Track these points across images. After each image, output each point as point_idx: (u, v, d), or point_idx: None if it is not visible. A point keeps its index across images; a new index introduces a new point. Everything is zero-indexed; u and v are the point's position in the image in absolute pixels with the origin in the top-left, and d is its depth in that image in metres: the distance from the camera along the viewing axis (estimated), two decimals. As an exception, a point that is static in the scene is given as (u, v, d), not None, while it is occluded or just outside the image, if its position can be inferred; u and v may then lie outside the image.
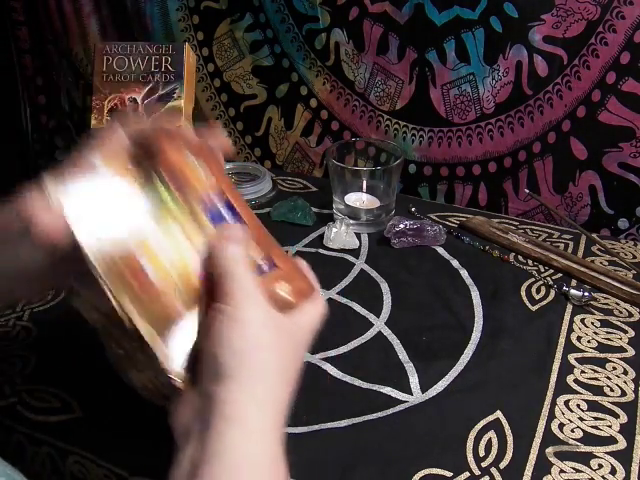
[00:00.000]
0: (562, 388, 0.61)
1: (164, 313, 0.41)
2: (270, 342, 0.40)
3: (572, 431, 0.56)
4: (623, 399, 0.60)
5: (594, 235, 0.83)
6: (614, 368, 0.63)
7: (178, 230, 0.43)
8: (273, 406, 0.40)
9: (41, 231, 0.40)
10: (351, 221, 0.86)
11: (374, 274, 0.79)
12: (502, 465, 0.53)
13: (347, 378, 0.63)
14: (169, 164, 0.44)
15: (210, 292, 0.42)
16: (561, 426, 0.57)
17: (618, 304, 0.73)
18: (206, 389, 0.40)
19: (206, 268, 0.42)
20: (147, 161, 0.44)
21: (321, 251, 0.83)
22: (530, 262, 0.80)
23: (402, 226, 0.83)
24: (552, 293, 0.74)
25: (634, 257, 0.81)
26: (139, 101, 0.64)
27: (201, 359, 0.40)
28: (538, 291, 0.75)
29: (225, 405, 0.38)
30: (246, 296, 0.41)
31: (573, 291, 0.73)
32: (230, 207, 0.45)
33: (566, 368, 0.63)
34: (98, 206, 0.42)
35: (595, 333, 0.68)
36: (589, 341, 0.67)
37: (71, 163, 0.44)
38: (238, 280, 0.41)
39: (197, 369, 0.41)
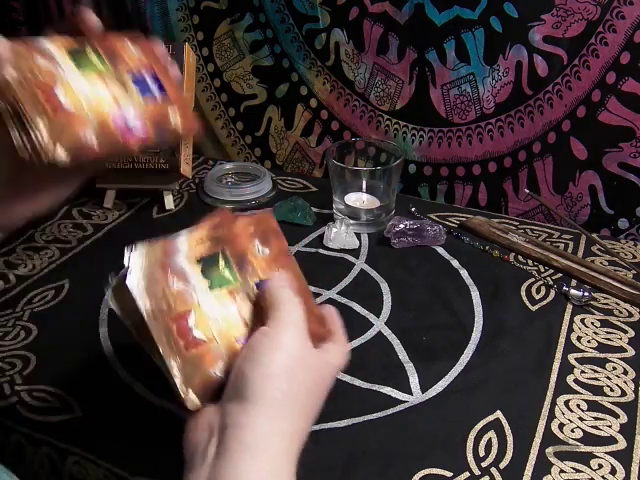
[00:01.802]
0: (562, 388, 0.61)
1: (197, 363, 0.42)
2: (300, 375, 0.41)
3: (572, 431, 0.56)
4: (623, 399, 0.60)
5: (594, 235, 0.83)
6: (614, 368, 0.63)
7: (227, 294, 0.44)
8: (291, 438, 0.40)
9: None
10: (351, 221, 0.86)
11: (374, 274, 0.79)
12: (502, 465, 0.53)
13: (347, 378, 0.63)
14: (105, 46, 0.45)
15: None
16: (561, 426, 0.57)
17: (618, 304, 0.73)
18: (226, 406, 0.40)
19: (260, 303, 0.44)
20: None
21: (321, 251, 0.83)
22: (530, 262, 0.80)
23: (402, 226, 0.83)
24: (552, 293, 0.74)
25: (634, 257, 0.81)
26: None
27: (230, 377, 0.41)
28: (538, 291, 0.75)
29: (243, 430, 0.39)
30: (289, 323, 0.42)
31: (573, 291, 0.73)
32: (156, 79, 0.47)
33: (566, 368, 0.63)
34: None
35: (595, 333, 0.68)
36: (589, 341, 0.67)
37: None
38: (285, 308, 0.43)
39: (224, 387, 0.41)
